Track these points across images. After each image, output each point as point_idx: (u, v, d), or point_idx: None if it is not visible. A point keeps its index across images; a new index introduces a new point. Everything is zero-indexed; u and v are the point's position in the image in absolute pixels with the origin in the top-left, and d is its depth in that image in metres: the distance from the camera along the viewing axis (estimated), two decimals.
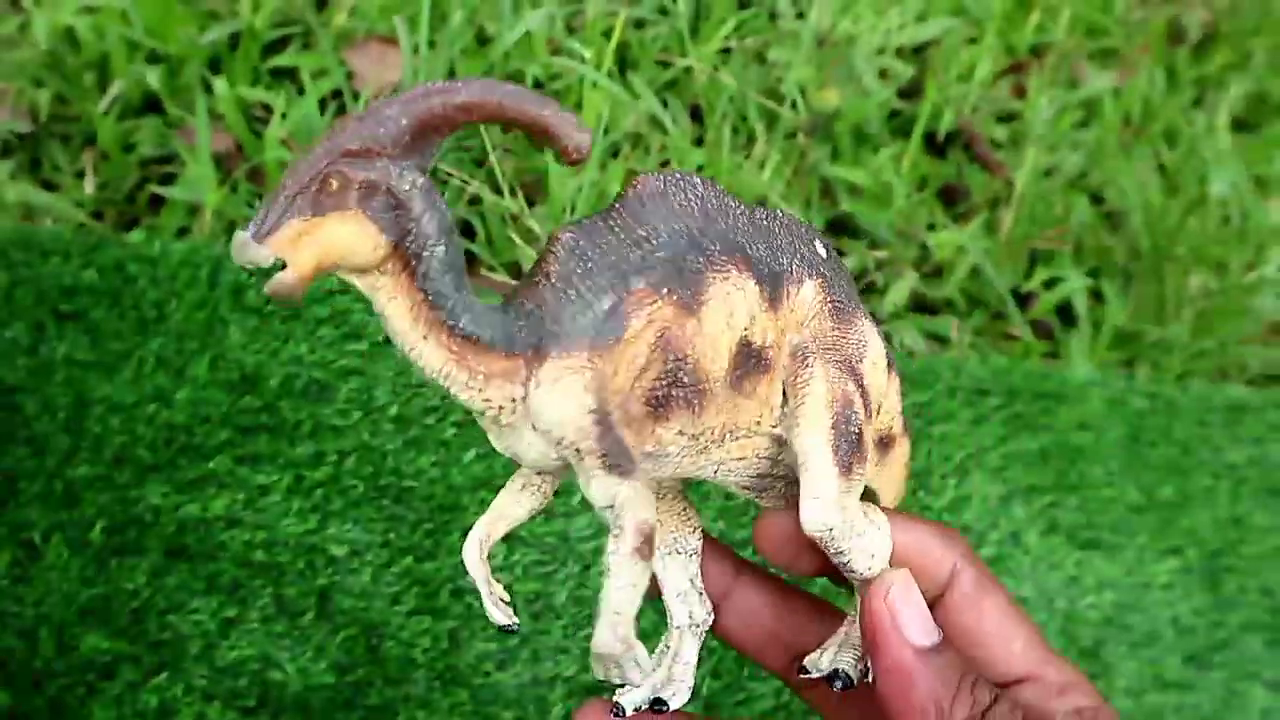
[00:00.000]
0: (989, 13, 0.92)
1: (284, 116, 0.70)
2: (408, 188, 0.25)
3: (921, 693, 0.28)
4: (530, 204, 0.73)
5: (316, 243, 0.24)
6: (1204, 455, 0.71)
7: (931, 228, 0.80)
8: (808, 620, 0.33)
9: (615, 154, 0.76)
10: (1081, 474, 0.68)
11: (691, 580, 0.32)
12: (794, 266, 0.29)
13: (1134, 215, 0.83)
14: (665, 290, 0.27)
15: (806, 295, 0.30)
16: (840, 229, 0.80)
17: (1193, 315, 0.78)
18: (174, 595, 0.52)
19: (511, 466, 0.31)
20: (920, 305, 0.78)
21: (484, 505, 0.58)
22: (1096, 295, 0.81)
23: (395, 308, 0.26)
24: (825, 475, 0.29)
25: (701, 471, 0.30)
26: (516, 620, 0.31)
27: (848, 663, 0.31)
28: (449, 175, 0.72)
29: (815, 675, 0.32)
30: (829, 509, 0.29)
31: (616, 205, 0.28)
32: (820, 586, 0.36)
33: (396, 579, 0.55)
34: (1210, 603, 0.65)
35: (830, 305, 0.30)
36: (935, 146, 0.86)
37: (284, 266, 0.24)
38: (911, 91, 0.88)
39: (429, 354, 0.26)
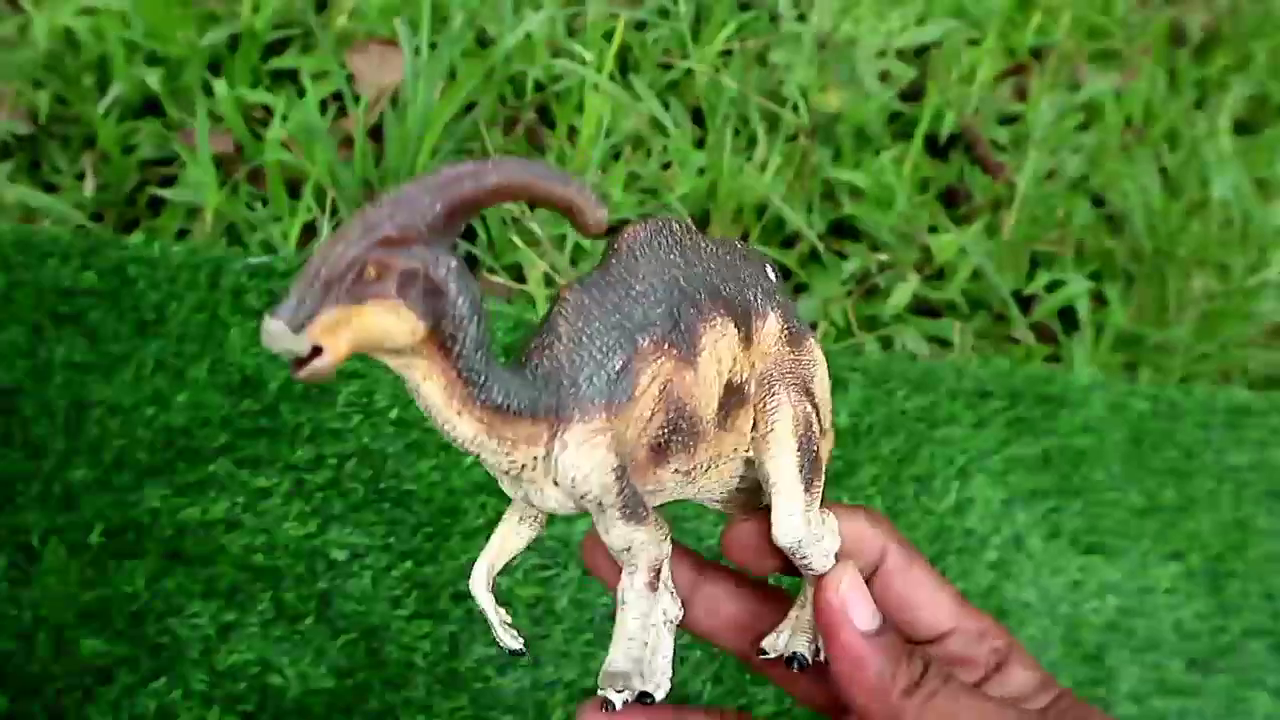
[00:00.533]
0: (990, 15, 0.92)
1: (284, 118, 0.69)
2: (444, 273, 0.25)
3: (870, 671, 0.33)
4: (531, 207, 0.72)
5: (354, 330, 0.25)
6: (1206, 459, 0.71)
7: (933, 230, 0.80)
8: (761, 606, 0.37)
9: (616, 156, 0.76)
10: (1084, 478, 0.68)
11: (664, 581, 0.35)
12: (759, 300, 0.32)
13: (1135, 218, 0.82)
14: (668, 345, 0.29)
15: (771, 327, 0.32)
16: (842, 231, 0.80)
17: (1195, 318, 0.78)
18: (173, 599, 0.52)
19: None
20: (922, 308, 0.78)
21: (484, 509, 0.57)
22: (1098, 298, 0.80)
23: (430, 386, 0.27)
24: (795, 494, 0.32)
25: (686, 496, 0.33)
26: (525, 643, 0.33)
27: (802, 645, 0.35)
28: None
29: (773, 656, 0.35)
30: (799, 525, 0.32)
31: (611, 260, 0.30)
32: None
33: (397, 583, 0.54)
34: (1213, 607, 0.65)
35: (786, 332, 0.32)
36: (937, 149, 0.86)
37: (318, 352, 0.24)
38: (913, 94, 0.87)
39: (462, 427, 0.27)
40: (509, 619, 0.33)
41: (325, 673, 0.51)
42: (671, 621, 0.35)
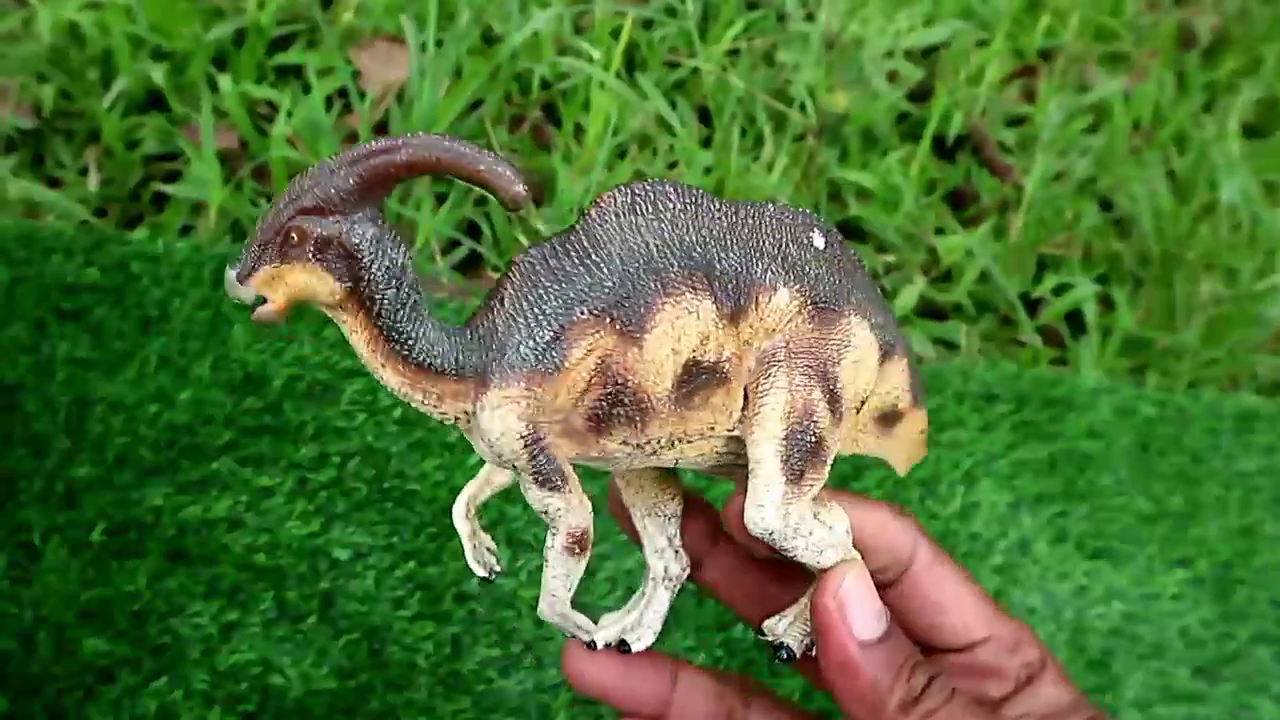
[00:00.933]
0: (998, 16, 0.91)
1: (289, 114, 0.69)
2: (357, 240, 0.28)
3: (863, 681, 0.31)
4: (537, 204, 0.72)
5: (285, 285, 0.28)
6: (1214, 464, 0.71)
7: (940, 232, 0.80)
8: (783, 581, 0.35)
9: (623, 155, 0.76)
10: (1090, 482, 0.68)
11: (669, 539, 0.35)
12: (769, 273, 0.30)
13: (1144, 221, 0.82)
14: (609, 320, 0.29)
15: (780, 303, 0.31)
16: (848, 232, 0.80)
17: (1203, 322, 0.78)
18: (175, 598, 0.51)
19: None
20: (928, 310, 0.77)
21: (487, 509, 0.57)
22: (1106, 301, 0.80)
23: (356, 339, 0.29)
24: (770, 484, 0.31)
25: (660, 464, 0.32)
26: (498, 569, 0.34)
27: (795, 637, 0.34)
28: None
29: (769, 640, 0.34)
30: (769, 515, 0.31)
31: (577, 225, 0.29)
32: None
33: (400, 583, 0.54)
34: (1220, 614, 0.65)
35: (811, 307, 0.31)
36: (944, 150, 0.85)
37: (264, 301, 0.29)
38: (920, 94, 0.87)
39: (388, 378, 0.30)
40: (491, 545, 0.34)
41: (327, 673, 0.51)
42: (673, 580, 0.35)
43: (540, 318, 0.29)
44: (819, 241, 0.32)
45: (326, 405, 0.58)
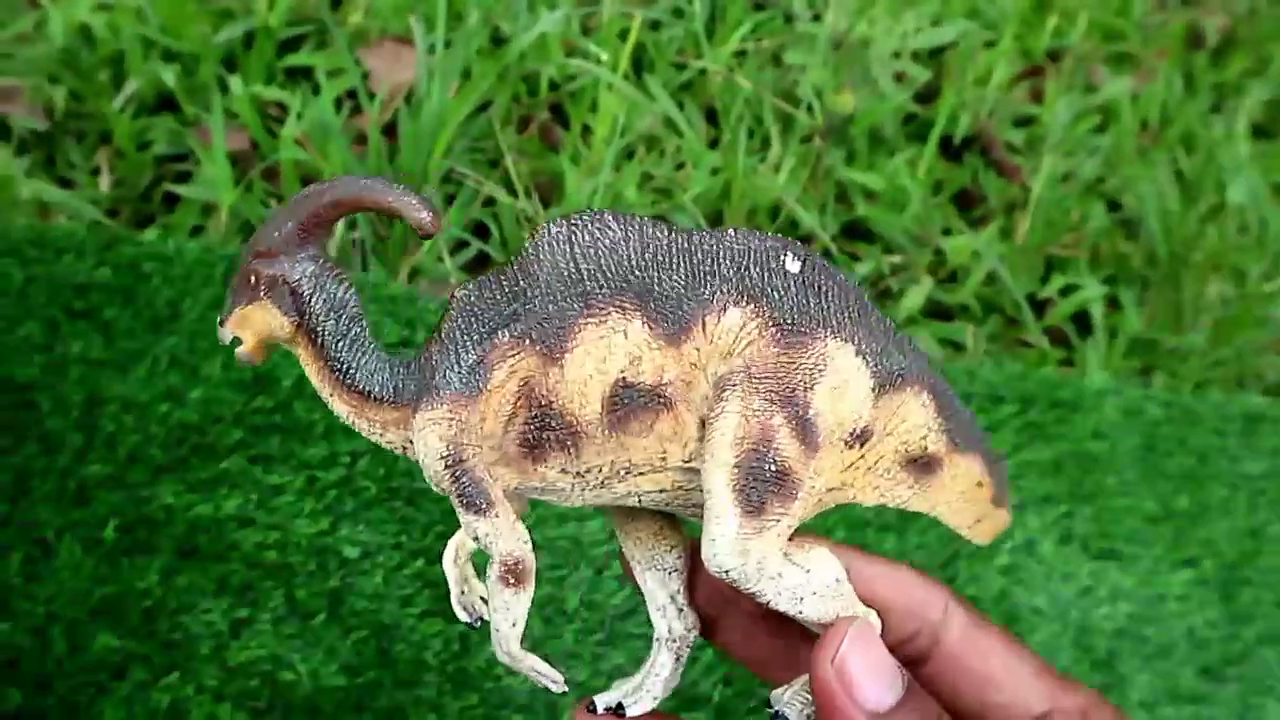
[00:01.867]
0: (1006, 17, 0.91)
1: (299, 116, 0.70)
2: (298, 278, 0.30)
3: None
4: (545, 205, 0.72)
5: (249, 325, 0.31)
6: (1220, 465, 0.71)
7: (947, 233, 0.80)
8: (805, 639, 0.31)
9: (630, 155, 0.76)
10: (1097, 483, 0.68)
11: (671, 596, 0.33)
12: (717, 295, 0.30)
13: (1151, 222, 0.82)
14: (529, 341, 0.30)
15: (731, 324, 0.30)
16: (855, 233, 0.80)
17: (1210, 324, 0.78)
18: (185, 595, 0.52)
19: None
20: (935, 311, 0.78)
21: None
22: (1113, 302, 0.80)
23: (309, 370, 0.31)
24: (722, 516, 0.29)
25: (621, 501, 0.31)
26: (481, 617, 0.34)
27: (795, 708, 0.30)
28: (464, 176, 0.72)
29: (770, 711, 0.31)
30: (722, 551, 0.29)
31: (514, 257, 0.30)
32: None
33: (408, 581, 0.54)
34: (1226, 615, 0.65)
35: (773, 329, 0.30)
36: (951, 151, 0.86)
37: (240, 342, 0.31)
38: (928, 95, 0.87)
39: (337, 406, 0.31)
40: (483, 592, 0.33)
41: (336, 670, 0.51)
42: (677, 641, 0.33)
43: (466, 343, 0.30)
44: (792, 265, 0.30)
45: None
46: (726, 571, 0.29)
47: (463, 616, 0.34)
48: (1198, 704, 0.61)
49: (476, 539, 0.30)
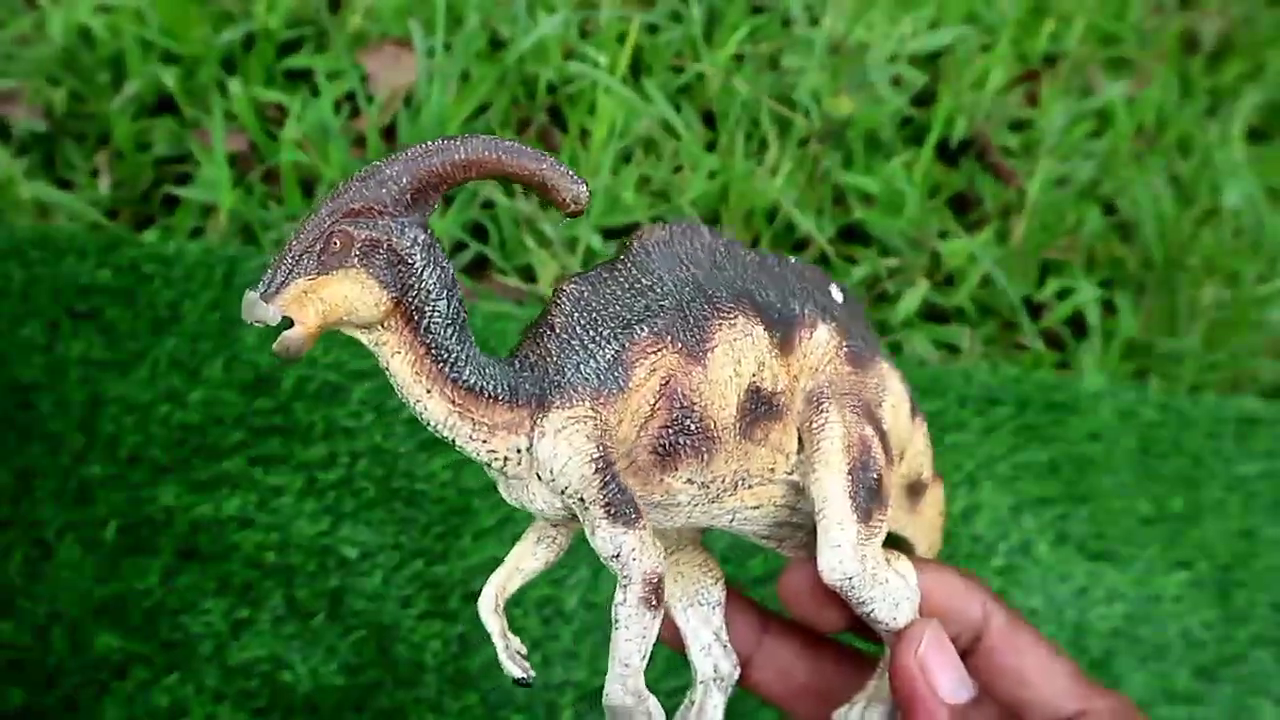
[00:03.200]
0: (1002, 21, 0.92)
1: (299, 118, 0.70)
2: (409, 244, 0.25)
3: None
4: (543, 207, 0.73)
5: (321, 300, 0.25)
6: (1215, 468, 0.71)
7: (943, 236, 0.80)
8: (840, 671, 0.32)
9: (628, 159, 0.77)
10: (1092, 485, 0.68)
11: (715, 633, 0.32)
12: (806, 311, 0.30)
13: (1146, 226, 0.82)
14: (670, 338, 0.27)
15: (820, 340, 0.30)
16: (852, 236, 0.80)
17: (1205, 327, 0.78)
18: (186, 595, 0.52)
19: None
20: (931, 314, 0.78)
21: (496, 509, 0.58)
22: (1108, 306, 0.81)
23: (399, 362, 0.26)
24: (844, 523, 0.29)
25: (716, 521, 0.30)
26: (531, 673, 0.30)
27: (874, 717, 0.31)
28: None
29: None
30: (848, 558, 0.29)
31: (621, 256, 0.28)
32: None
33: (408, 582, 0.55)
34: (1220, 616, 0.65)
35: (846, 349, 0.30)
36: (948, 154, 0.86)
37: (290, 324, 0.25)
38: (924, 99, 0.87)
39: (433, 407, 0.27)
40: (521, 647, 0.30)
41: (336, 670, 0.52)
42: (724, 680, 0.32)
43: (598, 338, 0.27)
44: (837, 295, 0.31)
45: (336, 406, 0.59)
46: (850, 578, 0.29)
47: (516, 672, 0.30)
48: (1192, 704, 0.62)
49: (617, 556, 0.27)
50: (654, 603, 0.27)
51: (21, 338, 0.57)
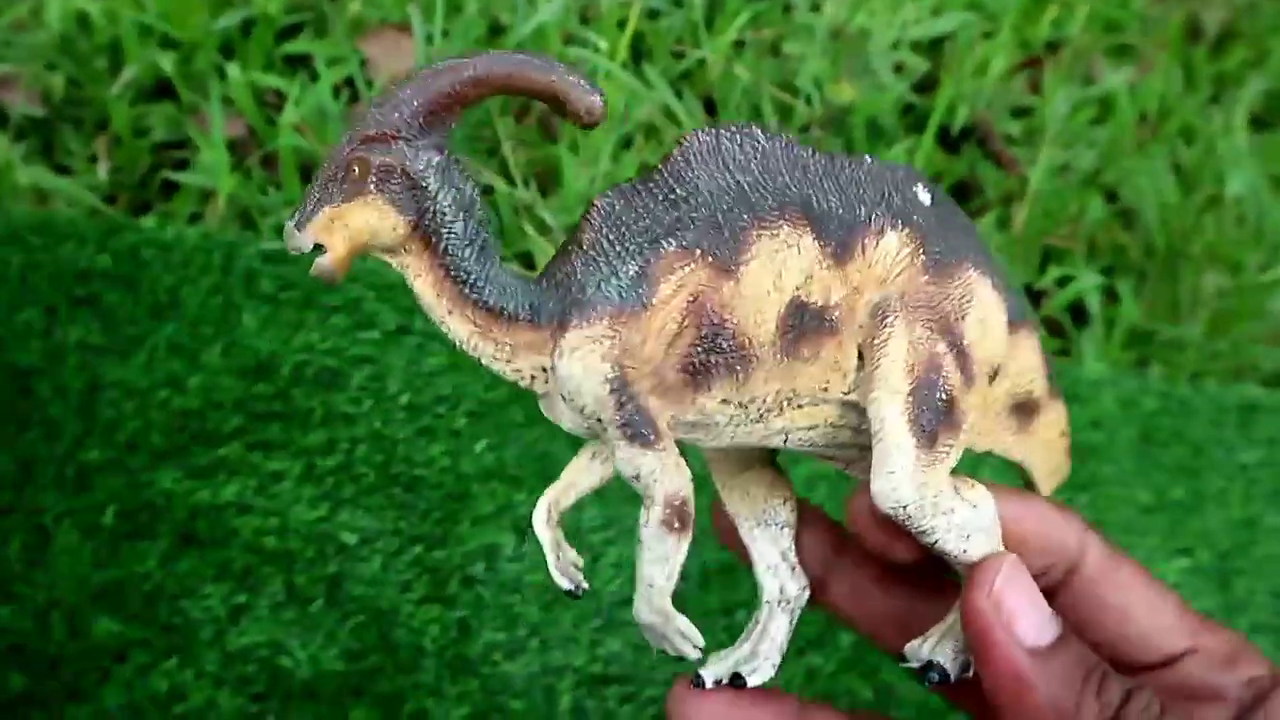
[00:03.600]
0: (1005, 8, 0.91)
1: (297, 103, 0.69)
2: (422, 167, 0.26)
3: (1039, 699, 0.25)
4: (543, 194, 0.72)
5: (345, 227, 0.26)
6: (1217, 456, 0.71)
7: None
8: (920, 599, 0.30)
9: (628, 145, 0.76)
10: (1092, 473, 0.68)
11: (783, 554, 0.31)
12: (874, 216, 0.27)
13: (1149, 213, 0.82)
14: (699, 251, 0.26)
15: (889, 247, 0.27)
16: None
17: (1207, 315, 0.78)
18: (185, 581, 0.52)
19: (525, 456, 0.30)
20: None
21: (494, 496, 0.58)
22: (1110, 293, 0.80)
23: (421, 284, 0.27)
24: (900, 447, 0.27)
25: (768, 440, 0.28)
26: (584, 585, 0.30)
27: (946, 655, 0.29)
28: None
29: (913, 665, 0.29)
30: (903, 484, 0.27)
31: (660, 166, 0.27)
32: None
33: (407, 567, 0.55)
34: (1220, 604, 0.65)
35: (925, 257, 0.28)
36: (949, 142, 0.86)
37: (324, 250, 0.26)
38: (926, 86, 0.87)
39: (455, 327, 0.27)
40: (577, 559, 0.30)
41: (335, 655, 0.52)
42: (790, 602, 0.31)
43: (624, 253, 0.26)
44: (924, 197, 0.28)
45: (335, 391, 0.59)
46: (905, 506, 0.27)
47: (563, 584, 0.30)
48: None
49: (637, 477, 0.27)
50: (676, 525, 0.27)
51: (20, 323, 0.57)
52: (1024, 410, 0.31)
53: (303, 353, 0.59)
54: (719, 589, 0.55)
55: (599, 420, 0.27)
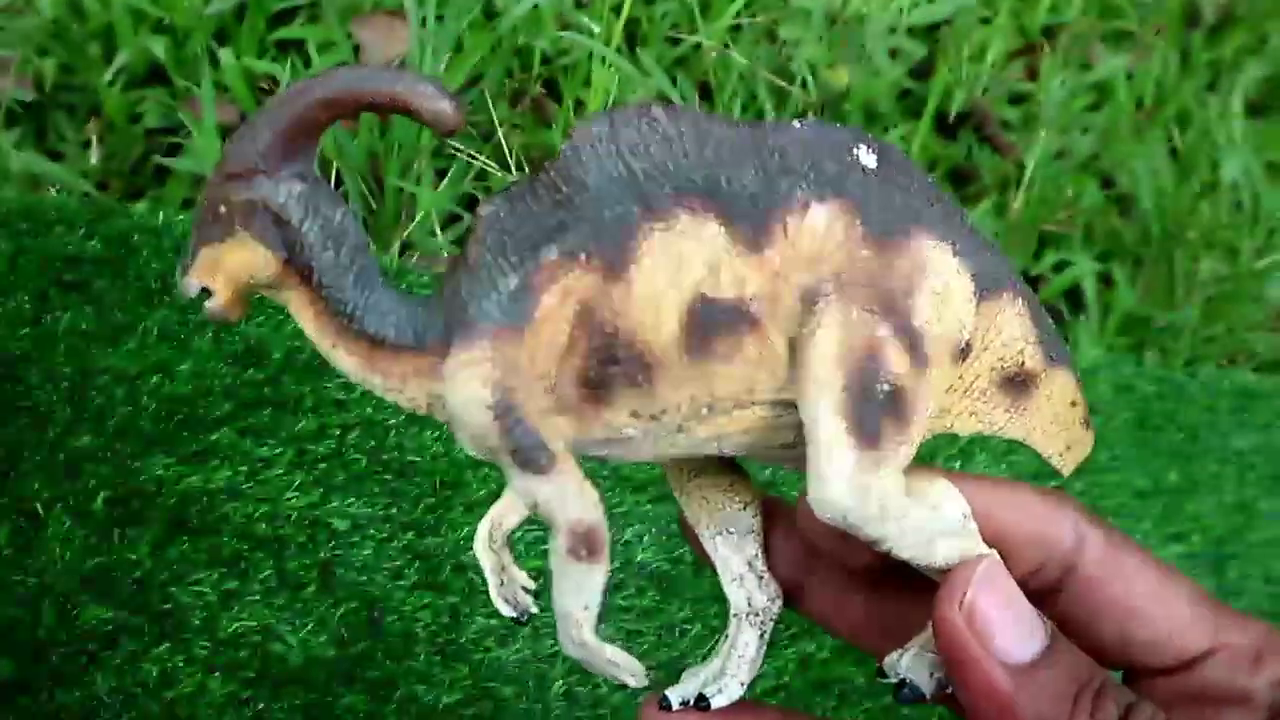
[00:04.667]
0: None
1: None
2: (283, 200, 0.25)
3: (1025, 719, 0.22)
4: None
5: (223, 269, 0.25)
6: (1211, 441, 0.71)
7: None
8: (905, 604, 0.27)
9: None
10: (1088, 458, 0.68)
11: (749, 562, 0.29)
12: (799, 190, 0.24)
13: (1145, 199, 0.82)
14: (584, 255, 0.24)
15: (816, 223, 0.25)
16: None
17: (1202, 301, 0.78)
18: (176, 567, 0.52)
19: None
20: None
21: (486, 481, 0.58)
22: (1106, 279, 0.80)
23: (303, 319, 0.26)
24: (833, 448, 0.24)
25: (699, 450, 0.26)
26: (530, 609, 0.28)
27: (921, 671, 0.26)
28: (456, 150, 0.71)
29: (890, 680, 0.27)
30: (837, 490, 0.24)
31: (548, 162, 0.25)
32: None
33: (398, 553, 0.55)
34: (1214, 589, 0.65)
35: (862, 228, 0.25)
36: (946, 127, 0.85)
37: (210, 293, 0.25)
38: (923, 71, 0.87)
39: (341, 360, 0.26)
40: (527, 582, 0.28)
41: (326, 641, 0.52)
42: (759, 614, 0.29)
43: (505, 266, 0.24)
44: (867, 159, 0.25)
45: (326, 377, 0.58)
46: (845, 514, 0.24)
47: (505, 610, 0.28)
48: None
49: (535, 506, 0.25)
50: (583, 554, 0.25)
51: (9, 309, 0.57)
52: (1017, 384, 0.28)
53: (293, 338, 0.59)
54: (711, 574, 0.55)
55: (489, 448, 0.25)
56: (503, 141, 0.71)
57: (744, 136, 0.25)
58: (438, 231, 0.69)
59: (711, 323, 0.24)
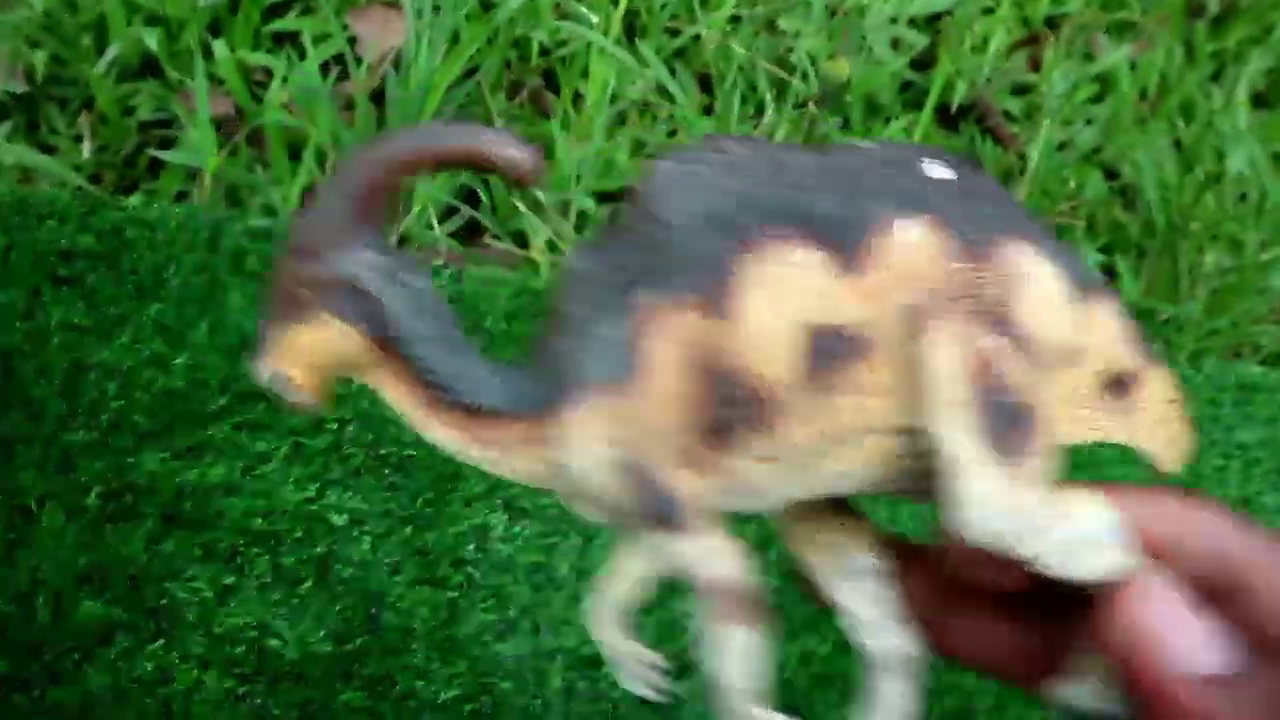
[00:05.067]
0: None
1: (284, 81, 0.68)
2: (362, 272, 0.24)
3: None
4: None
5: (302, 354, 0.24)
6: (1215, 435, 0.70)
7: None
8: (1061, 624, 0.25)
9: (622, 122, 0.75)
10: (1091, 452, 0.67)
11: (878, 607, 0.27)
12: (884, 210, 0.24)
13: (1149, 191, 0.81)
14: (682, 297, 0.23)
15: (905, 239, 0.24)
16: None
17: (1207, 293, 0.77)
18: (171, 562, 0.51)
19: None
20: None
21: (485, 476, 0.57)
22: (1109, 271, 0.80)
23: (393, 395, 0.24)
24: (975, 471, 0.23)
25: (827, 490, 0.25)
26: (664, 688, 0.26)
27: (1095, 699, 0.25)
28: None
29: (1059, 710, 0.25)
30: (989, 513, 0.23)
31: (626, 208, 0.24)
32: None
33: (396, 548, 0.54)
34: None
35: (952, 240, 0.24)
36: (948, 118, 0.85)
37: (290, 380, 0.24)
38: (924, 62, 0.86)
39: (441, 435, 0.24)
40: (654, 659, 0.26)
41: (323, 637, 0.51)
42: (900, 662, 0.27)
43: (599, 318, 0.23)
44: (939, 173, 0.25)
45: None
46: (998, 535, 0.23)
47: (642, 692, 0.26)
48: None
49: (676, 568, 0.24)
50: (739, 615, 0.24)
51: (2, 304, 0.56)
52: (1119, 387, 0.27)
53: None
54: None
55: (619, 510, 0.24)
56: None
57: (815, 161, 0.24)
58: (435, 224, 0.68)
59: (824, 352, 0.23)
